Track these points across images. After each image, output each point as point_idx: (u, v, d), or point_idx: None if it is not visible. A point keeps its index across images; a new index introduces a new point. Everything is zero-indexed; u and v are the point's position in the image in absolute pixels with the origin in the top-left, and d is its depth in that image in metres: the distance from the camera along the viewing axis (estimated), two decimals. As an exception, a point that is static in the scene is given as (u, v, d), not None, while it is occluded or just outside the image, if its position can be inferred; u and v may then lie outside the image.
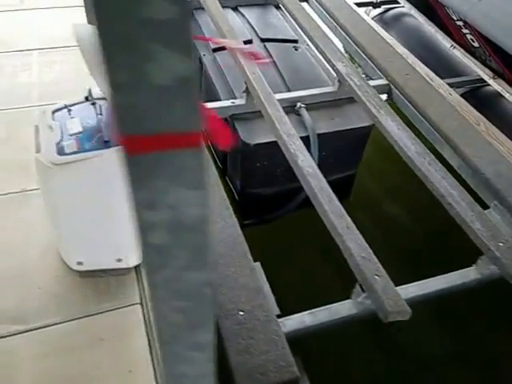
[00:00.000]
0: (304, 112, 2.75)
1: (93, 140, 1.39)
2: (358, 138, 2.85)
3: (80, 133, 1.43)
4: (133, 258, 1.71)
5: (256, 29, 3.50)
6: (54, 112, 1.50)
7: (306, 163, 2.22)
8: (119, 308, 1.62)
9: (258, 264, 1.93)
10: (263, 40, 3.40)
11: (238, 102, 2.81)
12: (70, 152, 1.37)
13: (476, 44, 3.13)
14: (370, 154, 3.12)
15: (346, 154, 2.89)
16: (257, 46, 3.24)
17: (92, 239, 1.58)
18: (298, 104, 2.78)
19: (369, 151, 3.04)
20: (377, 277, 1.77)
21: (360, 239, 1.86)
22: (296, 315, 1.86)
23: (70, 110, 1.50)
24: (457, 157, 2.53)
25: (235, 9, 3.75)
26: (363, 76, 2.86)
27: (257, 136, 2.67)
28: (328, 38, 3.11)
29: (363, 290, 1.82)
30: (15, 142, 2.20)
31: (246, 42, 3.25)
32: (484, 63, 3.12)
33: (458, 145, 2.51)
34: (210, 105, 2.78)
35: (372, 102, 2.58)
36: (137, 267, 1.74)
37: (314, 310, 1.89)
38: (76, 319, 1.59)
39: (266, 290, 1.86)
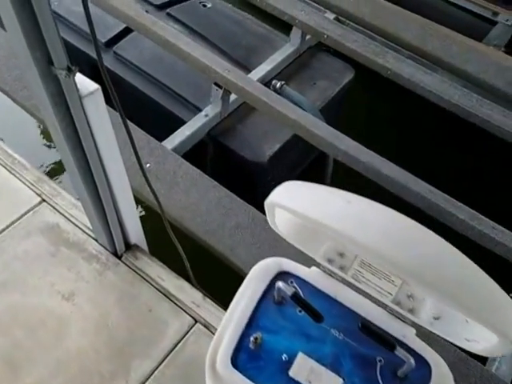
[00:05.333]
0: (290, 91, 2.08)
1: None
2: (344, 95, 2.32)
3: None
4: None
5: (140, -6, 2.43)
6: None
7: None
8: None
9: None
10: (161, 7, 2.40)
11: (211, 111, 1.98)
12: None
13: None
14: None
15: (333, 117, 2.36)
16: (158, 17, 2.25)
17: None
18: (278, 83, 2.08)
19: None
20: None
21: None
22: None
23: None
24: (456, 78, 2.25)
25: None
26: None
27: (264, 146, 1.96)
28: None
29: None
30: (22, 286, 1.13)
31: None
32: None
33: (458, 65, 2.21)
34: (172, 140, 1.92)
35: (369, 49, 2.05)
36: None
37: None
38: None
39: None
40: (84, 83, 1.00)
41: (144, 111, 2.11)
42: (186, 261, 1.34)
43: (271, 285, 0.81)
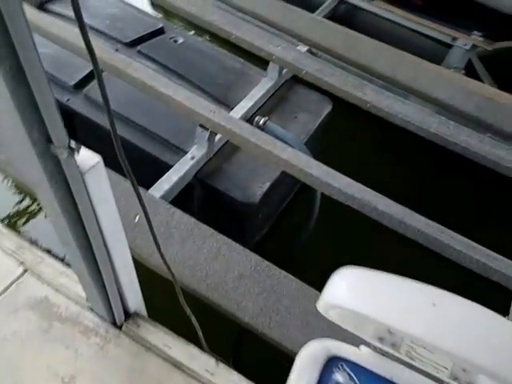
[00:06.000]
0: (275, 127, 2.02)
1: None
2: (324, 126, 2.28)
3: None
4: None
5: (107, 32, 2.30)
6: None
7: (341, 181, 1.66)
8: None
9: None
10: (131, 44, 2.28)
11: (197, 152, 1.88)
12: None
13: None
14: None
15: (316, 149, 2.32)
16: (129, 55, 2.13)
17: None
18: (261, 119, 2.01)
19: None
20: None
21: None
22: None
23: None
24: (431, 105, 2.27)
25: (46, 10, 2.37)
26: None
27: (254, 186, 1.88)
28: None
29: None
30: None
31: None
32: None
33: (429, 93, 2.23)
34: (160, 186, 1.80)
35: (347, 83, 2.03)
36: None
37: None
38: None
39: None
40: (83, 156, 0.88)
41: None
42: (198, 330, 1.23)
43: (323, 374, 0.72)
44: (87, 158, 0.89)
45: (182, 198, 1.92)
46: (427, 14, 2.81)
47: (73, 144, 0.80)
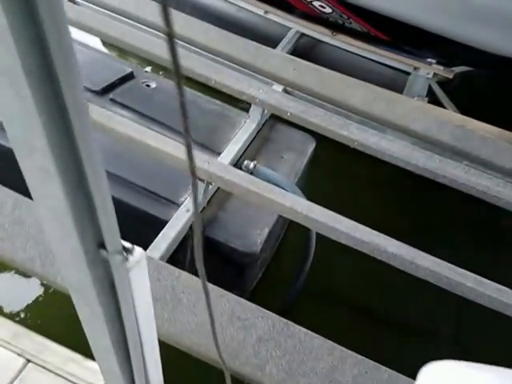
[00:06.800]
0: (266, 170, 2.00)
1: None
2: (309, 165, 2.30)
3: None
4: None
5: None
6: None
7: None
8: None
9: None
10: (102, 92, 2.18)
11: (192, 204, 1.81)
12: None
13: (328, 10, 2.79)
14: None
15: (304, 189, 2.32)
16: (102, 104, 2.03)
17: None
18: (250, 164, 1.99)
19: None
20: None
21: None
22: None
23: None
24: (407, 136, 2.35)
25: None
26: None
27: (252, 234, 1.83)
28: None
29: None
30: None
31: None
32: (342, 26, 2.86)
33: (406, 126, 2.32)
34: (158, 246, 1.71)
35: (332, 123, 2.06)
36: None
37: None
38: None
39: None
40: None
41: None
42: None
43: None
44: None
45: (177, 253, 1.83)
46: (391, 47, 2.96)
47: (127, 245, 0.73)
